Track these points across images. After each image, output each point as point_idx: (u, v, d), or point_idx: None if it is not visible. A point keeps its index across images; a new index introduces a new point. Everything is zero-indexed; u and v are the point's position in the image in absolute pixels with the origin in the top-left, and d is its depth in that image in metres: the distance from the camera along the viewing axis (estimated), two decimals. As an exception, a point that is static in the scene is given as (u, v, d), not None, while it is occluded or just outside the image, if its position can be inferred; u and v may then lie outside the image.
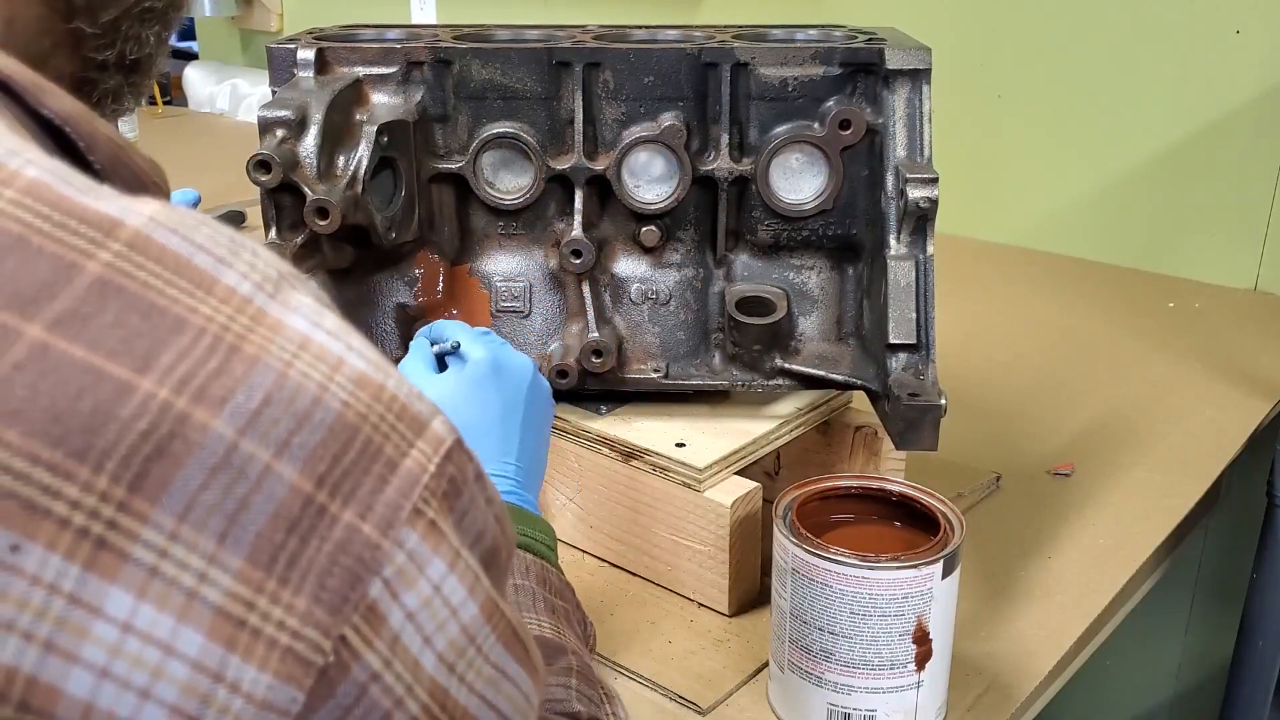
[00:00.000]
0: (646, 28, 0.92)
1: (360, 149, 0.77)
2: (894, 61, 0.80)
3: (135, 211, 0.32)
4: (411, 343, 0.76)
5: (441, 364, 0.74)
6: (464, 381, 0.70)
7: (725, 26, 0.93)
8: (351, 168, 0.77)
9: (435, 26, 0.94)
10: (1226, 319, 1.34)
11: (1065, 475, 0.99)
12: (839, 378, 0.83)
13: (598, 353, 0.83)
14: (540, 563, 0.65)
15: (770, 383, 0.85)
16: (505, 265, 0.88)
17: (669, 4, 1.93)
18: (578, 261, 0.84)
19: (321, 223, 0.74)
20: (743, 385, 0.85)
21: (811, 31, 0.91)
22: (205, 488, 0.30)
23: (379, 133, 0.78)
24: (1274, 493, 1.10)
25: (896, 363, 0.78)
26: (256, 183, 0.74)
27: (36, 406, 0.29)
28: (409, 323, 0.85)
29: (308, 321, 0.33)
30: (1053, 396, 1.14)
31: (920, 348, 0.78)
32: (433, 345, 0.74)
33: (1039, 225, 1.60)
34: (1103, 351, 1.26)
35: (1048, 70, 1.54)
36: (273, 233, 0.77)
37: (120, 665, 0.29)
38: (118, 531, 0.29)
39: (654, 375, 0.86)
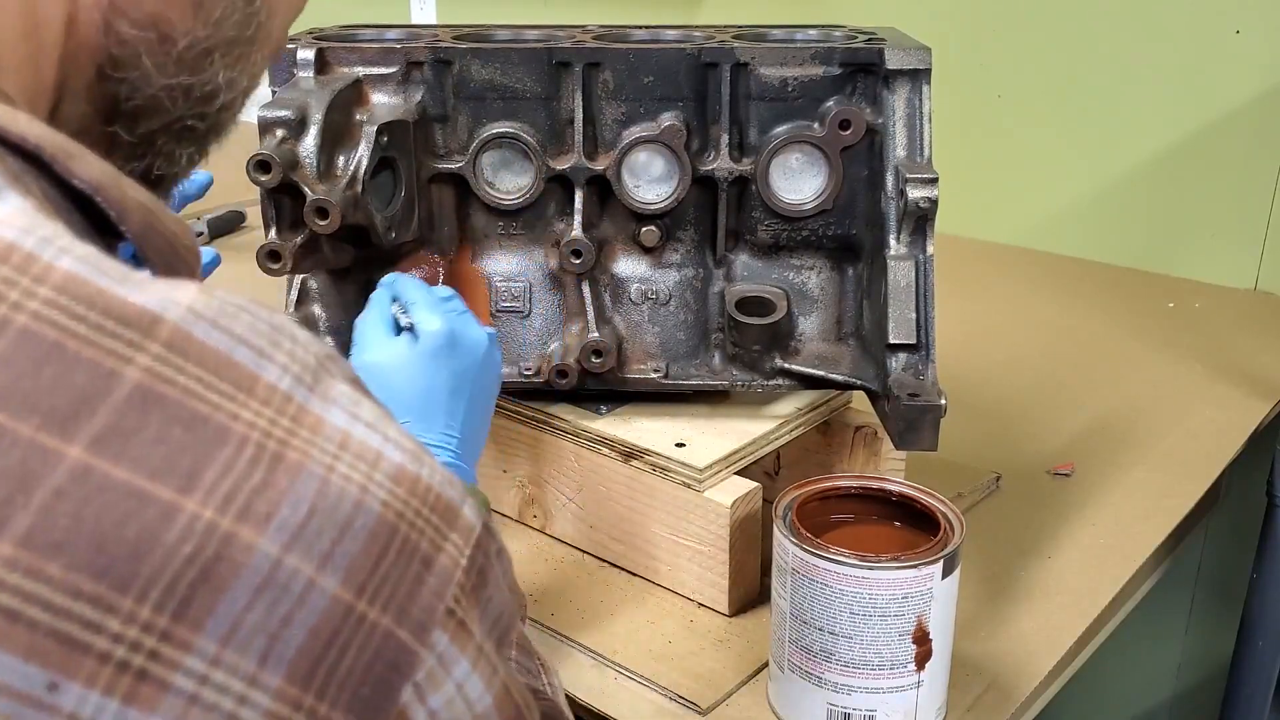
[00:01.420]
0: (647, 28, 0.92)
1: (360, 149, 0.77)
2: (894, 61, 0.80)
3: (174, 302, 0.31)
4: (372, 295, 0.75)
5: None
6: (418, 355, 0.70)
7: (725, 26, 0.93)
8: (351, 168, 0.77)
9: (435, 26, 0.94)
10: (1226, 319, 1.34)
11: (1065, 475, 0.99)
12: (839, 378, 0.83)
13: (597, 353, 0.83)
14: None
15: (770, 383, 0.85)
16: (505, 265, 0.88)
17: (669, 4, 1.93)
18: (578, 261, 0.84)
19: (321, 223, 0.74)
20: (743, 385, 0.85)
21: (811, 32, 0.91)
22: (250, 609, 0.29)
23: (379, 133, 0.78)
24: (1274, 493, 1.10)
25: (896, 363, 0.78)
26: (256, 182, 0.74)
27: (80, 536, 0.28)
28: None
29: (346, 414, 0.33)
30: (1053, 396, 1.14)
31: (920, 348, 0.78)
32: (393, 302, 0.73)
33: (1039, 225, 1.60)
34: (1103, 351, 1.26)
35: (1048, 70, 1.54)
36: (272, 232, 0.77)
37: None
38: (159, 662, 0.28)
39: (654, 375, 0.85)
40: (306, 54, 0.81)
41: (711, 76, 0.83)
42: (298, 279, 0.83)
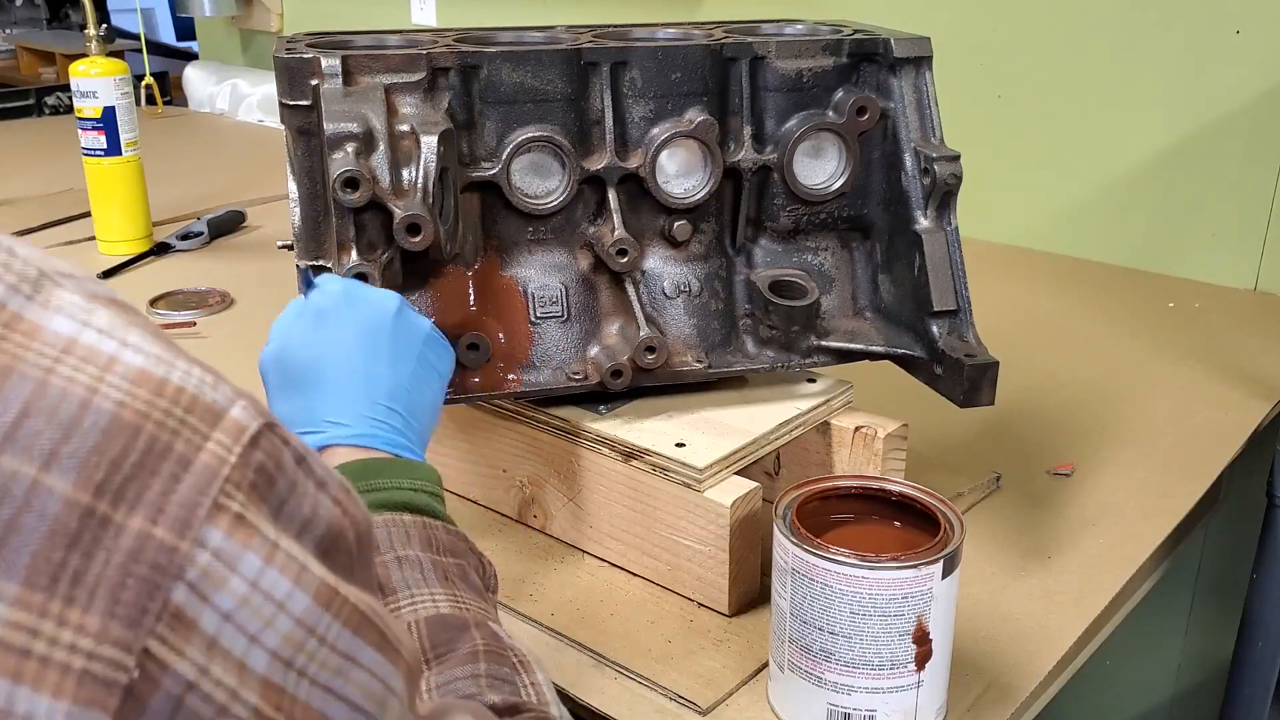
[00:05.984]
0: (644, 26, 0.92)
1: (423, 160, 0.74)
2: (900, 50, 0.85)
3: None
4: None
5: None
6: (309, 310, 0.66)
7: (712, 24, 0.94)
8: (419, 181, 0.73)
9: (427, 30, 0.94)
10: (1226, 319, 1.34)
11: (1065, 475, 0.99)
12: (878, 349, 0.86)
13: (651, 349, 0.82)
14: (421, 520, 0.61)
15: (808, 360, 0.88)
16: (536, 271, 0.86)
17: (669, 4, 1.93)
18: (624, 260, 0.83)
19: (414, 239, 0.71)
20: (783, 366, 0.87)
21: (799, 25, 0.95)
22: None
23: (438, 142, 0.74)
24: (1274, 493, 1.10)
25: (940, 328, 0.82)
26: (344, 202, 0.70)
27: None
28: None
29: (74, 321, 0.32)
30: (1053, 396, 1.14)
31: (960, 312, 0.83)
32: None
33: (1039, 225, 1.60)
34: (1103, 351, 1.26)
35: (1048, 70, 1.54)
36: (353, 255, 0.73)
37: None
38: None
39: (698, 366, 0.86)
40: (332, 63, 0.77)
41: (733, 70, 0.85)
42: None
